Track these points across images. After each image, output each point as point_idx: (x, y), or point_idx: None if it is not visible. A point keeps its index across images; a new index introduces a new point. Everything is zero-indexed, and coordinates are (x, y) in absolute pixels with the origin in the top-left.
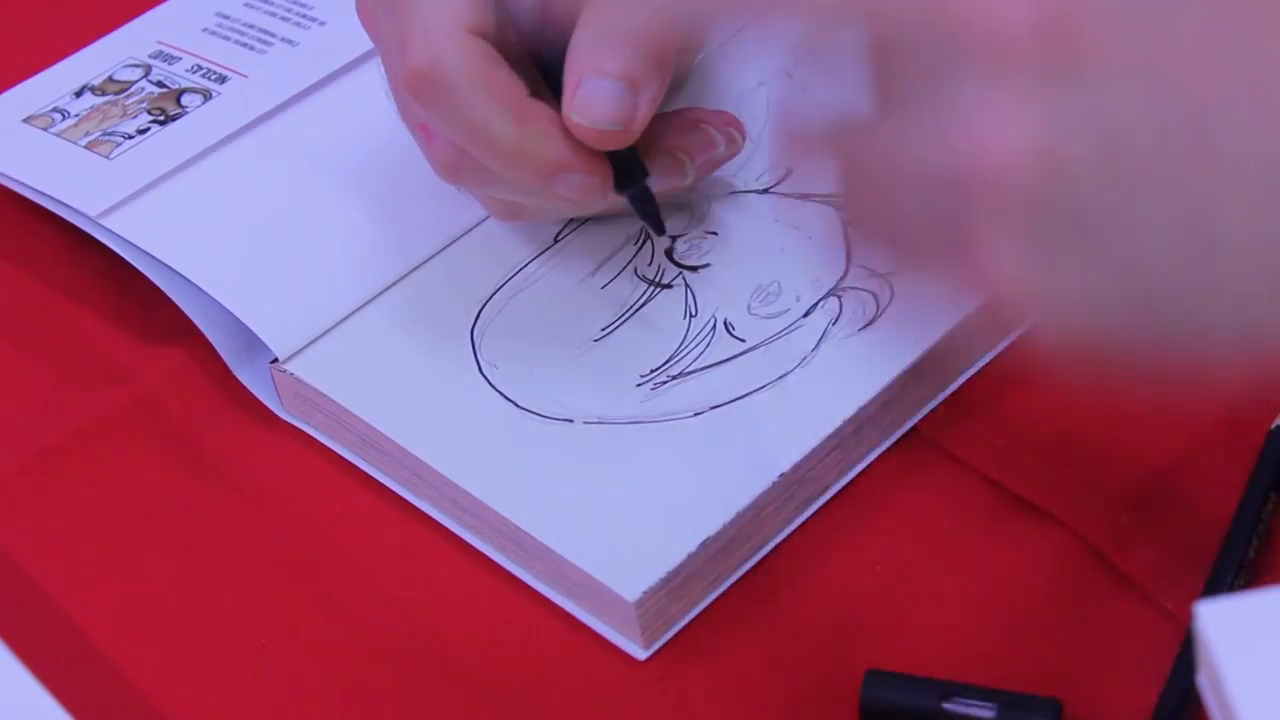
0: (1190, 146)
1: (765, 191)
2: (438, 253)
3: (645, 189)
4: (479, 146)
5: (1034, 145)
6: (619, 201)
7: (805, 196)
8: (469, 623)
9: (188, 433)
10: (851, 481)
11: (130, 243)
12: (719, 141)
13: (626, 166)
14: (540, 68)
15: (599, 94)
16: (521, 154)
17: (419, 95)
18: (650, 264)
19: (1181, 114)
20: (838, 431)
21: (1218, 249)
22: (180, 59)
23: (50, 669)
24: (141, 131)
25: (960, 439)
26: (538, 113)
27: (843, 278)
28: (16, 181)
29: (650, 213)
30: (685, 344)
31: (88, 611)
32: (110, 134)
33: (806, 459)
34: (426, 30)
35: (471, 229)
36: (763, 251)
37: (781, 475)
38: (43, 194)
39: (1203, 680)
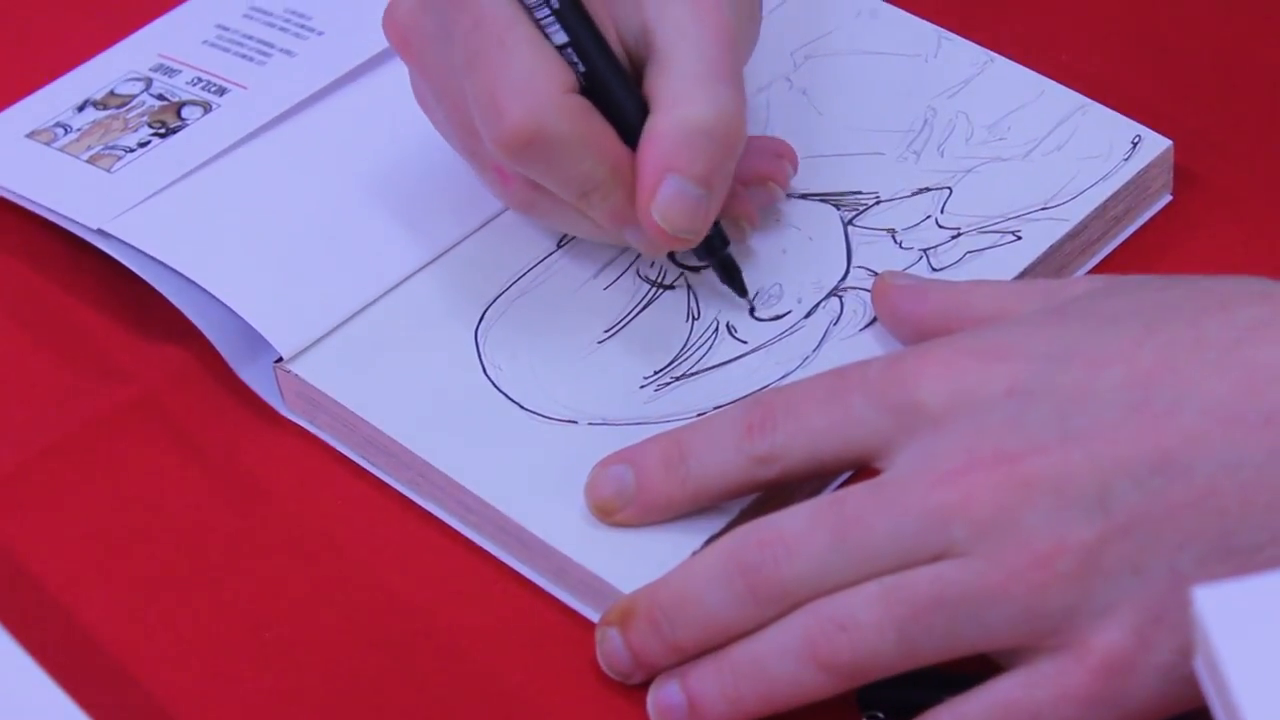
0: None
1: None
2: (441, 255)
3: (728, 257)
4: (573, 195)
5: None
6: None
7: (806, 196)
8: (473, 621)
9: (190, 431)
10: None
11: (132, 248)
12: (779, 195)
13: (708, 235)
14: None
15: (681, 199)
16: (609, 202)
17: (521, 155)
18: (652, 265)
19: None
20: None
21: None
22: (181, 71)
23: (55, 664)
24: (142, 145)
25: None
26: (630, 164)
27: (843, 278)
28: (20, 197)
29: (735, 281)
30: (688, 346)
31: (91, 608)
32: (112, 148)
33: None
34: (525, 93)
35: (474, 232)
36: (764, 252)
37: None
38: (46, 209)
39: (1199, 664)
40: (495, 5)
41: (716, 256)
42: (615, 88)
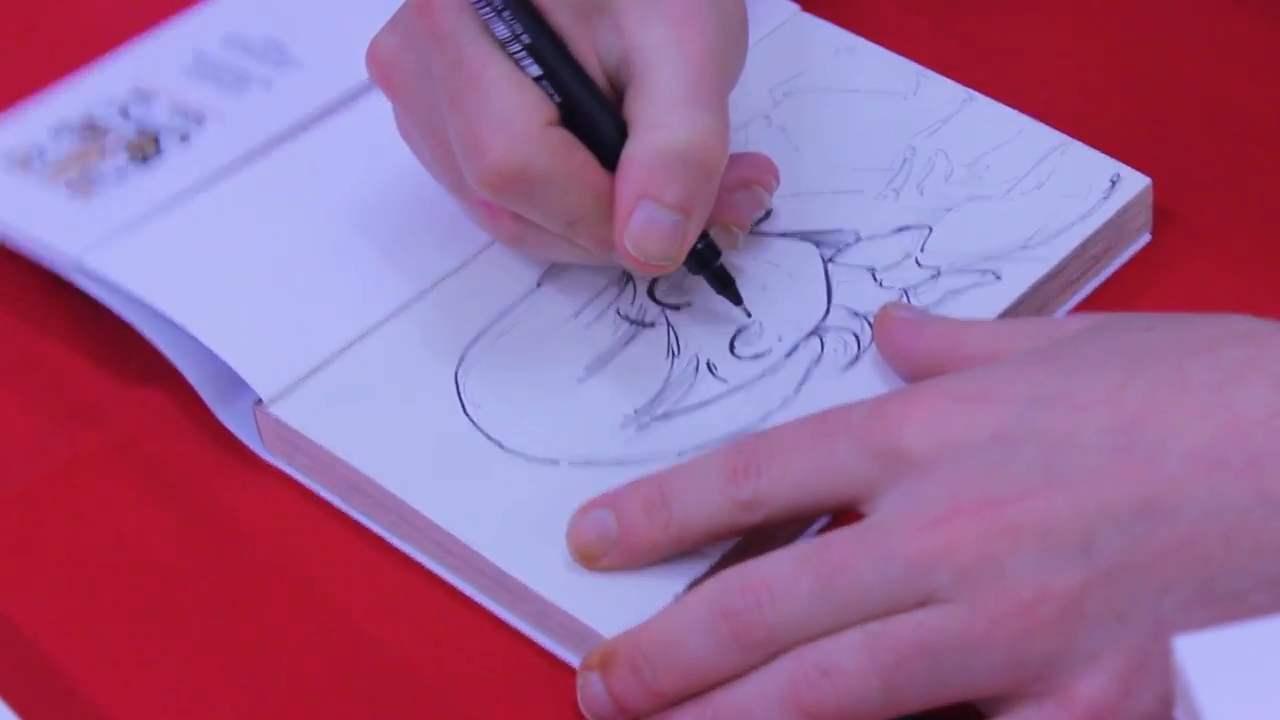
0: None
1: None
2: (421, 295)
3: (721, 269)
4: (559, 227)
5: None
6: None
7: (786, 234)
8: (453, 665)
9: (167, 473)
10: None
11: (109, 284)
12: (766, 200)
13: (698, 247)
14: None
15: (655, 225)
16: (595, 232)
17: (504, 192)
18: (633, 304)
19: None
20: None
21: None
22: (158, 99)
23: (31, 711)
24: (120, 172)
25: None
26: (612, 191)
27: (824, 318)
28: None
29: (730, 291)
30: (668, 384)
31: (67, 653)
32: (88, 175)
33: None
34: (505, 130)
35: (455, 271)
36: (744, 290)
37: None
38: (20, 234)
39: (1180, 714)
40: (471, 43)
41: (710, 270)
42: (595, 116)
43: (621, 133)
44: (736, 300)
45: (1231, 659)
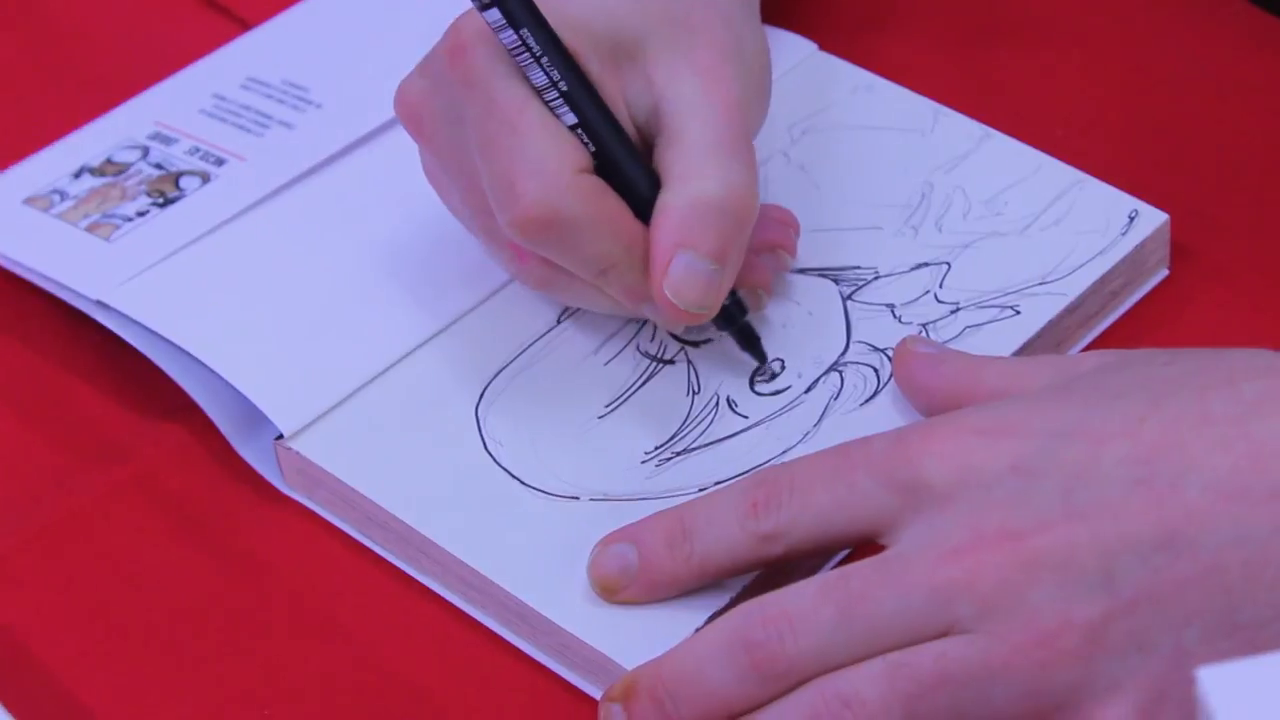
0: None
1: None
2: (441, 331)
3: (747, 325)
4: (589, 274)
5: None
6: None
7: (805, 271)
8: (475, 698)
9: (189, 509)
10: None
11: (130, 320)
12: (789, 262)
13: (726, 304)
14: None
15: (693, 275)
16: (626, 280)
17: (536, 237)
18: (653, 340)
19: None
20: None
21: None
22: (178, 140)
23: None
24: (141, 214)
25: None
26: (644, 241)
27: (843, 353)
28: (17, 264)
29: (755, 349)
30: (688, 420)
31: (91, 688)
32: (110, 216)
33: None
34: (539, 175)
35: (475, 307)
36: (764, 327)
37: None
38: (43, 276)
39: None
40: (506, 88)
41: (736, 325)
42: (627, 165)
43: (653, 183)
44: (761, 359)
45: (1255, 690)
